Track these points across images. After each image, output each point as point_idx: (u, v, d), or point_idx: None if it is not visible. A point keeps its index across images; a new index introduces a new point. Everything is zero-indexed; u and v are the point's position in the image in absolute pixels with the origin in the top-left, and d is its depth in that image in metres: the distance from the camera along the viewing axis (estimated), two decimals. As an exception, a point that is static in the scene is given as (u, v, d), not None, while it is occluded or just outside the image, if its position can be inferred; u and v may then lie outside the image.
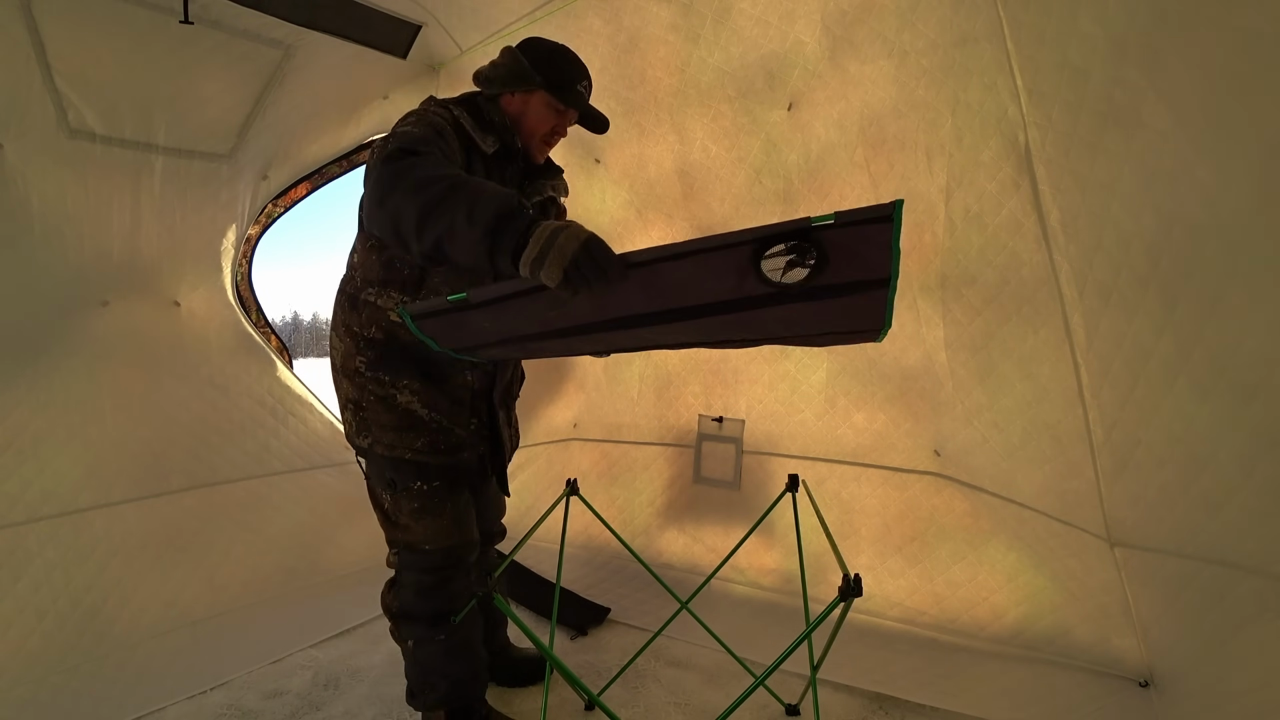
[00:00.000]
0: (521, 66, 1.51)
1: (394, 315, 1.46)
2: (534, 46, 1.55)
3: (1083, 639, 1.76)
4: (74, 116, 1.96)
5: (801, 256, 0.93)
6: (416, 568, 1.55)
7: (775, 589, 2.30)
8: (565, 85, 1.53)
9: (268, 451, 2.69)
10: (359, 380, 1.50)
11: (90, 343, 2.22)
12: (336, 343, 1.56)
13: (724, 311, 1.05)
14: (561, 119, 1.56)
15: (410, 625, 1.56)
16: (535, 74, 1.51)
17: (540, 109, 1.54)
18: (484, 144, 1.48)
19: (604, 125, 1.60)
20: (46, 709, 1.80)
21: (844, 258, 0.95)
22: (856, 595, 1.12)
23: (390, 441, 1.50)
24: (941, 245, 1.76)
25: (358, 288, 1.51)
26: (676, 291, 1.03)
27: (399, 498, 1.52)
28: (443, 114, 1.44)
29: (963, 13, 1.53)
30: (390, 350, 1.48)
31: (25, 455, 2.06)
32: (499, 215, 1.02)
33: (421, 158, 1.19)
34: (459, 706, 1.58)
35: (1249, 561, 1.20)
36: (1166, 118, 1.07)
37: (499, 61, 1.55)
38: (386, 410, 1.49)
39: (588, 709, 1.74)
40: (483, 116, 1.52)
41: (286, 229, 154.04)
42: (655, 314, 1.08)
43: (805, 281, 0.95)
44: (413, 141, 1.25)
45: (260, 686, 1.93)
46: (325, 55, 2.37)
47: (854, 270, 0.98)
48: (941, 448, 2.00)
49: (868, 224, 0.91)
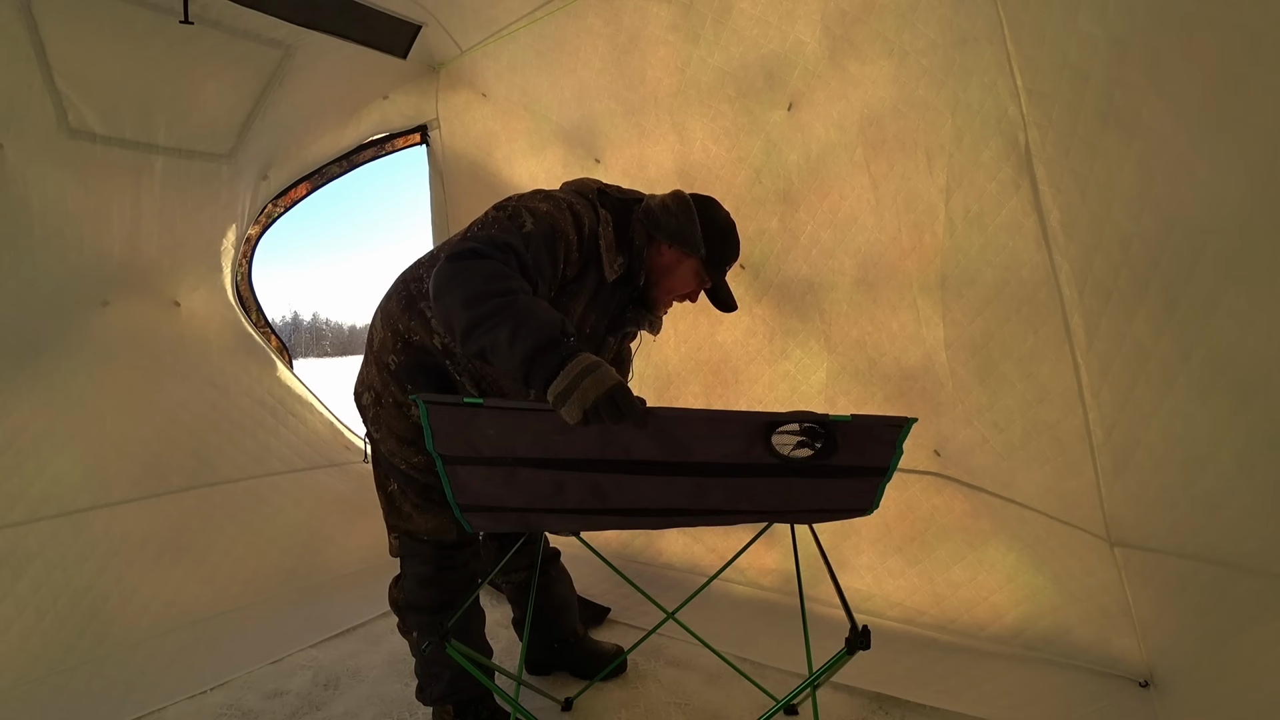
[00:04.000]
0: (694, 230, 1.49)
1: (436, 341, 1.46)
2: (710, 216, 1.53)
3: (1083, 639, 1.76)
4: (74, 116, 1.96)
5: (812, 439, 1.04)
6: (418, 558, 1.57)
7: (775, 589, 2.30)
8: (722, 266, 1.55)
9: (268, 451, 2.69)
10: (385, 376, 1.51)
11: (90, 343, 2.22)
12: (379, 329, 1.54)
13: (724, 474, 1.11)
14: (701, 288, 1.58)
15: (414, 616, 1.59)
16: (702, 245, 1.50)
17: (688, 274, 1.54)
18: (609, 268, 1.46)
19: (732, 308, 1.59)
20: (46, 709, 1.80)
21: (851, 447, 1.06)
22: (863, 648, 1.01)
23: (391, 449, 1.53)
24: (941, 245, 1.76)
25: (419, 294, 1.49)
26: (684, 446, 1.08)
27: (407, 490, 1.55)
28: (583, 220, 1.41)
29: (963, 13, 1.53)
30: (421, 363, 1.48)
31: (25, 455, 2.06)
32: (537, 348, 1.07)
33: (484, 263, 1.17)
34: (466, 699, 1.60)
35: (1249, 561, 1.21)
36: (1166, 118, 1.07)
37: (673, 209, 1.51)
38: (399, 417, 1.50)
39: (565, 709, 1.76)
40: (627, 236, 1.50)
41: (286, 229, 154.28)
42: (656, 464, 1.11)
43: (810, 459, 1.05)
44: (492, 247, 1.20)
45: (260, 686, 1.93)
46: (325, 55, 2.37)
47: (856, 458, 1.08)
48: (941, 448, 2.00)
49: (880, 426, 1.05)
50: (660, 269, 1.54)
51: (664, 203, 1.53)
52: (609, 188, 1.58)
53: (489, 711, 1.62)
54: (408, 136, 3.05)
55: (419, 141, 3.10)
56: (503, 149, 2.83)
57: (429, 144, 3.09)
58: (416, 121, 3.01)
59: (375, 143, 2.98)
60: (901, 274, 1.90)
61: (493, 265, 1.17)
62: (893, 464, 1.09)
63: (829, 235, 2.06)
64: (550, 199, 1.40)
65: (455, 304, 1.13)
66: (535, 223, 1.31)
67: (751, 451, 1.05)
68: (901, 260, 1.89)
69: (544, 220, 1.32)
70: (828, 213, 2.06)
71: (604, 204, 1.51)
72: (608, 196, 1.54)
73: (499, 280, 1.15)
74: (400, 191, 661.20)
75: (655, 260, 1.53)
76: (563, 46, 2.40)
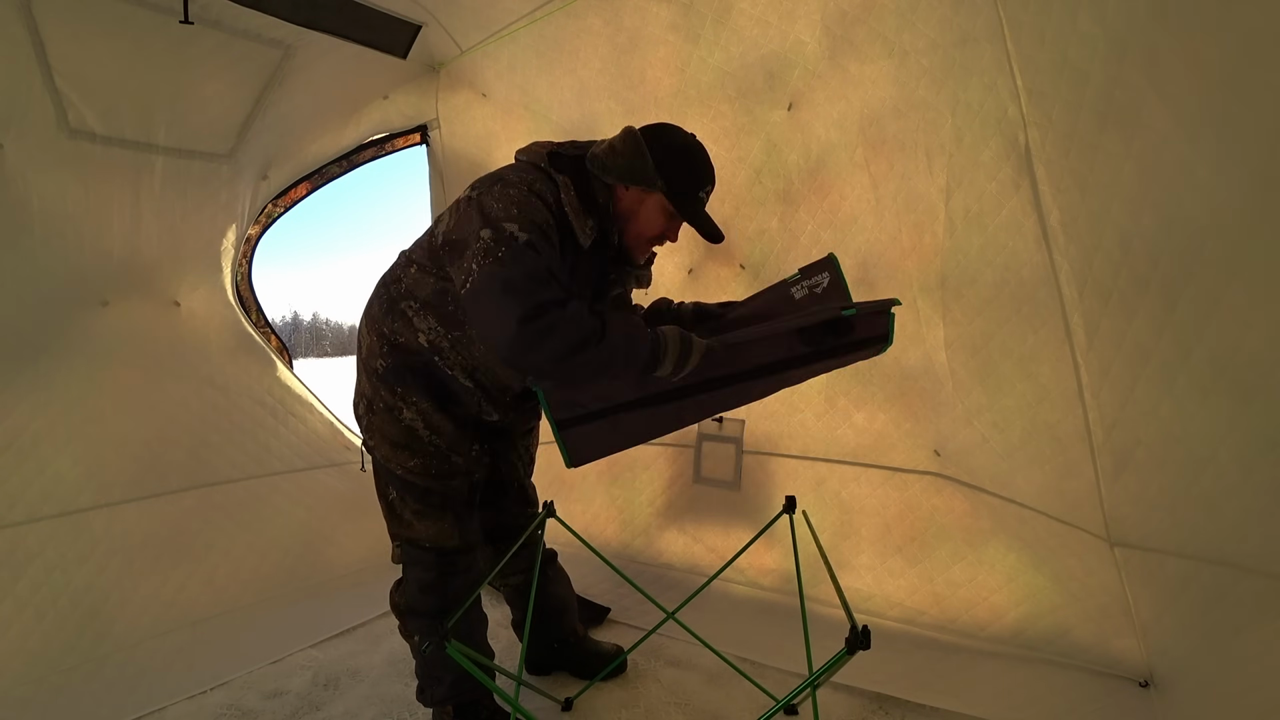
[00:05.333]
0: (644, 164, 1.37)
1: (422, 339, 1.46)
2: (662, 141, 1.40)
3: (1083, 639, 1.76)
4: (74, 116, 1.96)
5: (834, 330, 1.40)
6: (419, 564, 1.57)
7: (775, 589, 2.30)
8: (687, 193, 1.40)
9: (268, 451, 2.69)
10: (375, 381, 1.51)
11: (90, 343, 2.22)
12: (365, 336, 1.54)
13: (770, 372, 1.42)
14: (674, 224, 1.46)
15: (415, 620, 1.59)
16: (658, 176, 1.37)
17: (654, 212, 1.42)
18: (582, 234, 1.38)
19: (718, 238, 1.45)
20: (46, 709, 1.80)
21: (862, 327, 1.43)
22: (864, 648, 1.04)
23: (385, 454, 1.52)
24: (941, 245, 1.76)
25: (400, 295, 1.48)
26: (742, 358, 1.39)
27: (403, 496, 1.55)
28: (547, 195, 1.34)
29: (963, 13, 1.53)
30: (408, 364, 1.48)
31: (25, 455, 2.06)
32: (646, 366, 1.27)
33: (558, 314, 1.21)
34: (465, 702, 1.60)
35: (1249, 561, 1.21)
36: (1166, 118, 1.07)
37: (620, 148, 1.40)
38: (391, 422, 1.50)
39: (565, 709, 1.76)
40: (589, 195, 1.40)
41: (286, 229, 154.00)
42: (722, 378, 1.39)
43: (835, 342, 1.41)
44: (532, 282, 1.21)
45: (260, 686, 1.93)
46: (325, 55, 2.37)
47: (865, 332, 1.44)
48: (941, 448, 2.00)
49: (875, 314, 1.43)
50: (623, 214, 1.44)
51: (610, 144, 1.42)
52: (562, 146, 1.47)
53: (488, 713, 1.62)
54: (408, 136, 3.05)
55: (419, 141, 3.09)
56: (503, 149, 2.83)
57: (429, 144, 3.09)
58: (416, 121, 3.01)
59: (375, 143, 2.97)
60: (901, 274, 1.90)
61: (562, 314, 1.22)
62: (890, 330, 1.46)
63: (829, 235, 2.06)
64: (512, 191, 1.32)
65: (550, 364, 1.23)
66: (522, 227, 1.27)
67: (794, 348, 1.40)
68: (901, 260, 1.89)
69: (525, 220, 1.28)
70: (828, 213, 2.06)
71: (558, 167, 1.41)
72: (561, 158, 1.43)
73: (576, 325, 1.22)
74: (400, 191, 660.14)
75: (617, 206, 1.43)
76: (562, 46, 2.40)
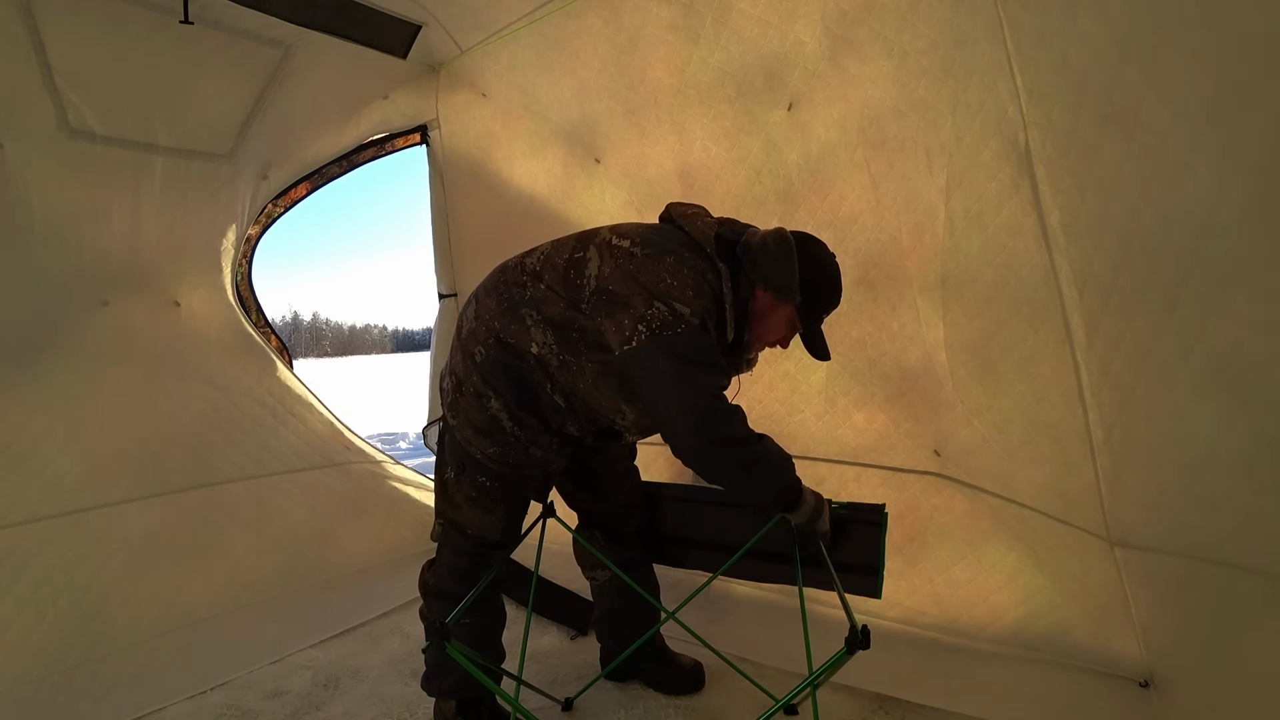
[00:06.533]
0: (791, 275, 1.40)
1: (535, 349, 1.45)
2: (809, 257, 1.44)
3: (1083, 639, 1.76)
4: (74, 116, 1.97)
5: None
6: (456, 548, 1.57)
7: (775, 589, 2.29)
8: (818, 315, 1.47)
9: (268, 451, 2.69)
10: (469, 365, 1.49)
11: (90, 343, 2.22)
12: (470, 320, 1.52)
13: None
14: (792, 333, 1.50)
15: (440, 604, 1.58)
16: (798, 292, 1.41)
17: (780, 321, 1.46)
18: (730, 328, 1.42)
19: (826, 358, 1.51)
20: (46, 709, 1.80)
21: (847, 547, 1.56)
22: (863, 648, 1.05)
23: (467, 437, 1.51)
24: (941, 245, 1.76)
25: (523, 301, 1.45)
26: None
27: (462, 480, 1.54)
28: (712, 284, 1.37)
29: (963, 13, 1.53)
30: (507, 364, 1.46)
31: (25, 455, 2.06)
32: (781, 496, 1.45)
33: (753, 445, 1.38)
34: (470, 697, 1.60)
35: (1249, 561, 1.20)
36: (1166, 118, 1.06)
37: (774, 250, 1.41)
38: (478, 408, 1.48)
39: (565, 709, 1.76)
40: (739, 293, 1.43)
41: (286, 229, 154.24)
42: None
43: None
44: (708, 364, 1.35)
45: (260, 686, 1.93)
46: (325, 55, 2.37)
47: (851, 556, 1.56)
48: (941, 448, 2.00)
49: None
50: (755, 313, 1.46)
51: (764, 241, 1.43)
52: (722, 228, 1.48)
53: (490, 711, 1.62)
54: (408, 136, 3.05)
55: (419, 141, 3.10)
56: (503, 149, 2.83)
57: (429, 144, 3.09)
58: (416, 121, 3.01)
59: (375, 143, 2.98)
60: (901, 274, 1.90)
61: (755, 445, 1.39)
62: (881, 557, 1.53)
63: (829, 235, 2.04)
64: (686, 271, 1.34)
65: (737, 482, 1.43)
66: (694, 312, 1.32)
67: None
68: (901, 260, 1.89)
69: (699, 306, 1.34)
70: (828, 213, 2.06)
71: (722, 257, 1.42)
72: (724, 243, 1.44)
73: (768, 455, 1.41)
74: (400, 191, 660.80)
75: (753, 304, 1.45)
76: (562, 46, 2.40)
